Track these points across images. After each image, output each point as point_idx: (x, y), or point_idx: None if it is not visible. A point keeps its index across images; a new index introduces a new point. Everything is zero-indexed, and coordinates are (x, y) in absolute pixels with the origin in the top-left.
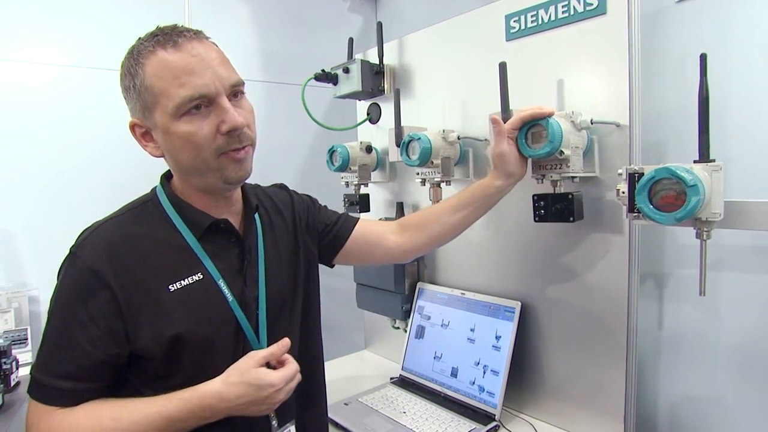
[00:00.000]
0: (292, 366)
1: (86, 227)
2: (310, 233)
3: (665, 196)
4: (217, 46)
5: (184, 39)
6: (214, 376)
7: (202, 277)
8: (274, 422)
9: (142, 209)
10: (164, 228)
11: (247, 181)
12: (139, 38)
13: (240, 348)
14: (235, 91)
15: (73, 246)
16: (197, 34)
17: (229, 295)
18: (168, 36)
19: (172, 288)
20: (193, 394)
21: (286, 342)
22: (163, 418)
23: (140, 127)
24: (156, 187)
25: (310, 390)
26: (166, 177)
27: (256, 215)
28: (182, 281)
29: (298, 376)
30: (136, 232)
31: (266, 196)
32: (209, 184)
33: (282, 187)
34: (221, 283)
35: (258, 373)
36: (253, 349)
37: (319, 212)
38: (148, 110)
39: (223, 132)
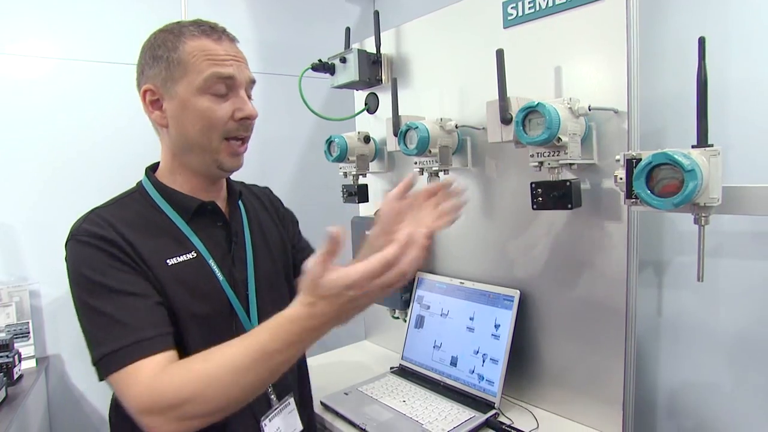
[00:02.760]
0: (375, 260)
1: (76, 220)
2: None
3: (666, 185)
4: None
5: (226, 37)
6: None
7: (195, 255)
8: (272, 396)
9: (131, 198)
10: (153, 213)
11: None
12: (179, 22)
13: (232, 328)
14: (248, 89)
15: (70, 234)
16: (233, 39)
17: (219, 275)
18: (213, 30)
19: (170, 262)
20: (280, 319)
21: (335, 233)
22: (258, 350)
23: (153, 93)
24: (141, 180)
25: (302, 370)
26: (151, 169)
27: (240, 203)
28: (178, 257)
29: (401, 265)
30: (129, 215)
31: (249, 191)
32: (203, 165)
33: (267, 189)
34: (212, 263)
35: (326, 284)
36: (245, 330)
37: (296, 232)
38: (171, 81)
39: (236, 118)
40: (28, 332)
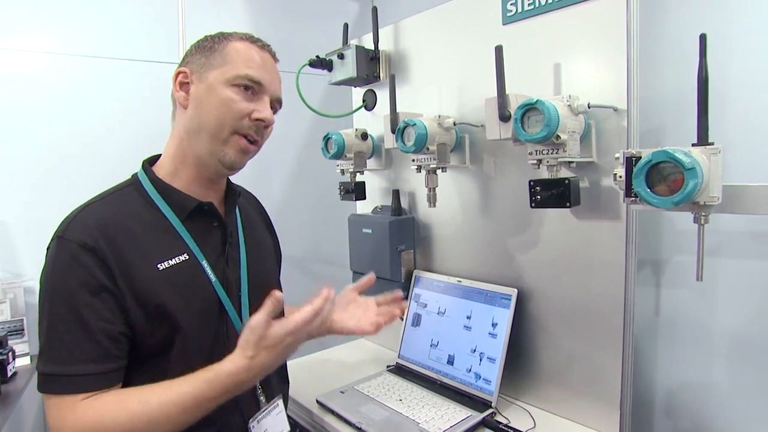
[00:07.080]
0: (307, 309)
1: (68, 215)
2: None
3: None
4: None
5: (268, 51)
6: (201, 356)
7: (188, 257)
8: (261, 398)
9: (125, 192)
10: (148, 210)
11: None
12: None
13: (223, 328)
14: (274, 106)
15: (57, 231)
16: (275, 57)
17: (212, 276)
18: (259, 41)
19: (160, 267)
20: (219, 373)
21: (277, 296)
22: (195, 398)
23: (186, 76)
24: (137, 172)
25: (285, 371)
26: (149, 162)
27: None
28: (170, 260)
29: (323, 313)
30: (122, 213)
31: (244, 194)
32: (207, 154)
33: (253, 195)
34: (204, 264)
35: (271, 335)
36: (236, 330)
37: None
38: (206, 67)
39: (252, 117)
40: (23, 329)
